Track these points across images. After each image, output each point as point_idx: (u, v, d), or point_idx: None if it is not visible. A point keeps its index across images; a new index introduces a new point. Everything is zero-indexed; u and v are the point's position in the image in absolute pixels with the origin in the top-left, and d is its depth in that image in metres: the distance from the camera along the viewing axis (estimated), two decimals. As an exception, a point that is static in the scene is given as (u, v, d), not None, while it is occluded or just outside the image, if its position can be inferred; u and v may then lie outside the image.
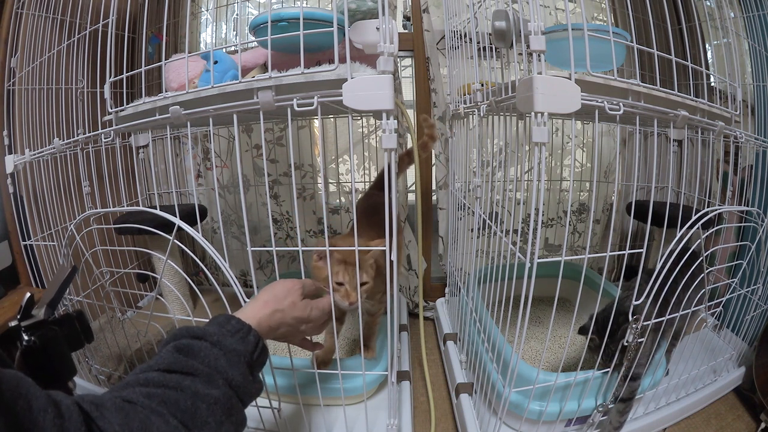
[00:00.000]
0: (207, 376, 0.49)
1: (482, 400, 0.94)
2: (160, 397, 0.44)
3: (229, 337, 0.53)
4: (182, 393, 0.46)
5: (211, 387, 0.48)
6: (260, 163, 1.55)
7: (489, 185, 1.03)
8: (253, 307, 0.62)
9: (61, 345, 0.64)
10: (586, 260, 0.76)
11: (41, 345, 0.59)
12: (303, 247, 0.71)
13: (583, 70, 0.62)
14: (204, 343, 0.51)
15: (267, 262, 1.70)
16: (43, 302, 0.64)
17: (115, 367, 1.00)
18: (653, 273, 0.77)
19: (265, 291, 0.65)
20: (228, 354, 0.52)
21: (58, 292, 0.67)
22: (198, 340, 0.52)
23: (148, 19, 1.38)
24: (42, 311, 0.63)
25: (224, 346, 0.52)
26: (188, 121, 0.69)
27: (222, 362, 0.51)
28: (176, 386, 0.46)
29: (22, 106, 1.10)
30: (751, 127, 1.20)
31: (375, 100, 0.59)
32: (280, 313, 0.62)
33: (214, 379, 0.49)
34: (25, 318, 0.62)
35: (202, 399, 0.46)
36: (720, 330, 1.18)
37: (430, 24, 1.39)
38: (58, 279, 0.69)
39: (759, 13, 1.14)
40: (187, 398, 0.45)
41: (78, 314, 0.69)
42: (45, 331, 0.61)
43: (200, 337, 0.52)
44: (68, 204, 1.12)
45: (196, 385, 0.47)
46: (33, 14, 1.09)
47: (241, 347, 0.53)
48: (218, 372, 0.50)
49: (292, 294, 0.65)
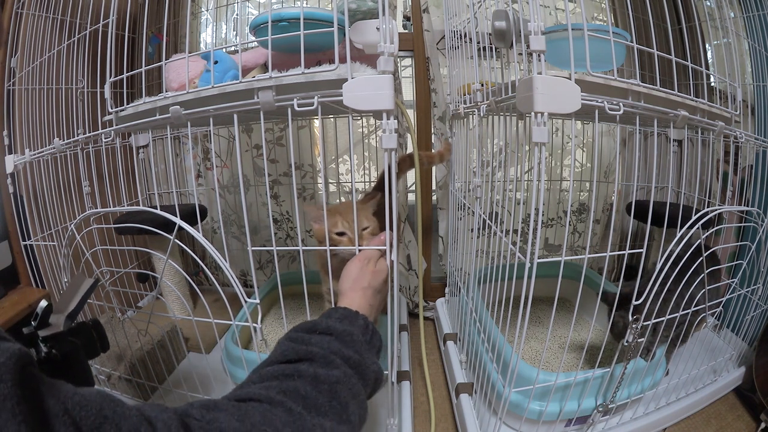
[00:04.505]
0: (324, 358, 0.47)
1: (482, 400, 0.94)
2: (279, 388, 0.42)
3: (338, 323, 0.53)
4: (301, 379, 0.44)
5: (331, 368, 0.46)
6: (260, 163, 1.55)
7: (489, 185, 1.03)
8: (345, 297, 0.62)
9: (81, 358, 0.63)
10: (586, 260, 0.76)
11: (61, 357, 0.59)
12: (303, 247, 0.71)
13: (583, 70, 0.62)
14: (314, 334, 0.51)
15: (267, 261, 1.70)
16: (59, 311, 0.63)
17: (115, 366, 1.00)
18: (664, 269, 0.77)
19: (344, 280, 0.65)
20: (340, 336, 0.51)
21: (79, 304, 0.67)
22: (308, 333, 0.51)
23: (148, 19, 1.38)
24: (61, 322, 0.62)
25: (335, 330, 0.51)
26: (188, 121, 0.69)
27: (336, 344, 0.49)
28: (294, 373, 0.44)
29: (22, 106, 1.10)
30: (751, 127, 1.20)
31: (375, 100, 0.59)
32: (369, 289, 0.63)
33: (332, 360, 0.47)
34: (42, 326, 0.61)
35: (323, 381, 0.44)
36: (720, 330, 1.18)
37: (430, 24, 1.39)
38: (75, 288, 0.68)
39: (759, 13, 1.14)
40: (307, 383, 0.44)
41: (94, 323, 0.69)
42: (64, 344, 0.61)
43: (310, 329, 0.52)
44: (68, 204, 1.12)
45: (315, 369, 0.45)
46: (33, 14, 1.09)
47: (351, 329, 0.53)
48: (334, 353, 0.48)
49: (367, 267, 0.66)
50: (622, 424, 0.90)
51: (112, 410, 0.30)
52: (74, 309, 0.65)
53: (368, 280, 0.63)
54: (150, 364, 1.01)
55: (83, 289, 0.68)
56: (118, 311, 1.05)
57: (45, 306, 0.62)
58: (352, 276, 0.64)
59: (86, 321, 0.69)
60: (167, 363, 1.08)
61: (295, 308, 1.41)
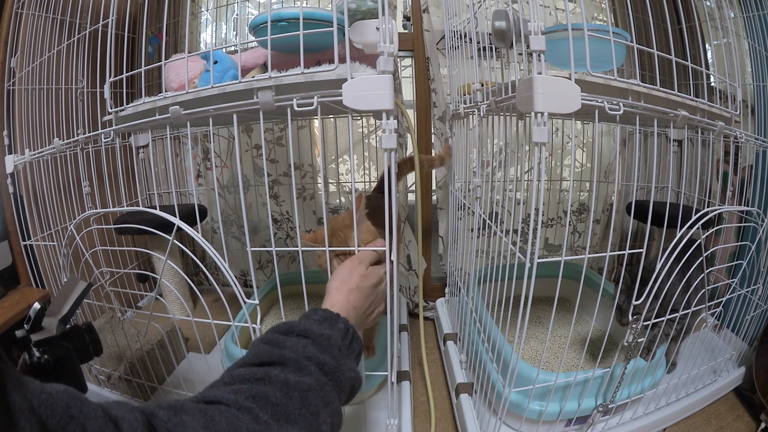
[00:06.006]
0: (296, 363, 0.45)
1: (482, 400, 0.94)
2: (248, 392, 0.41)
3: (316, 325, 0.51)
4: (271, 384, 0.42)
5: (303, 374, 0.45)
6: (260, 163, 1.55)
7: (489, 185, 1.03)
8: (329, 298, 0.60)
9: (73, 363, 0.63)
10: (586, 260, 0.76)
11: (54, 362, 0.59)
12: (303, 247, 0.71)
13: (583, 70, 0.62)
14: (291, 336, 0.49)
15: (267, 262, 1.70)
16: (52, 314, 0.63)
17: (114, 367, 1.00)
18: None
19: (333, 278, 0.63)
20: (317, 340, 0.49)
21: (72, 308, 0.66)
22: (284, 335, 0.49)
23: (148, 19, 1.38)
24: (54, 326, 0.62)
25: (312, 333, 0.49)
26: (188, 121, 0.69)
27: (311, 349, 0.47)
28: (264, 378, 0.43)
29: (22, 106, 1.09)
30: (751, 127, 1.20)
31: (375, 100, 0.59)
32: (355, 291, 0.61)
33: (305, 366, 0.45)
34: (35, 330, 0.61)
35: (294, 388, 0.43)
36: (720, 330, 1.18)
37: (430, 24, 1.39)
38: (68, 292, 0.68)
39: (759, 13, 1.14)
40: (277, 390, 0.42)
41: (87, 327, 0.69)
42: (57, 349, 0.61)
43: (287, 330, 0.50)
44: (68, 204, 1.12)
45: (286, 374, 0.44)
46: (33, 14, 1.09)
47: (330, 332, 0.51)
48: (308, 358, 0.46)
49: (357, 268, 0.64)
50: (622, 424, 0.90)
51: (78, 409, 0.30)
52: (67, 313, 0.64)
53: (356, 282, 0.62)
54: (150, 364, 1.01)
55: (76, 292, 0.67)
56: (118, 311, 1.05)
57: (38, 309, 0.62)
58: (341, 276, 0.63)
59: (79, 325, 0.68)
60: (167, 363, 1.08)
61: (294, 308, 1.41)
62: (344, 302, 0.59)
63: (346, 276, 0.63)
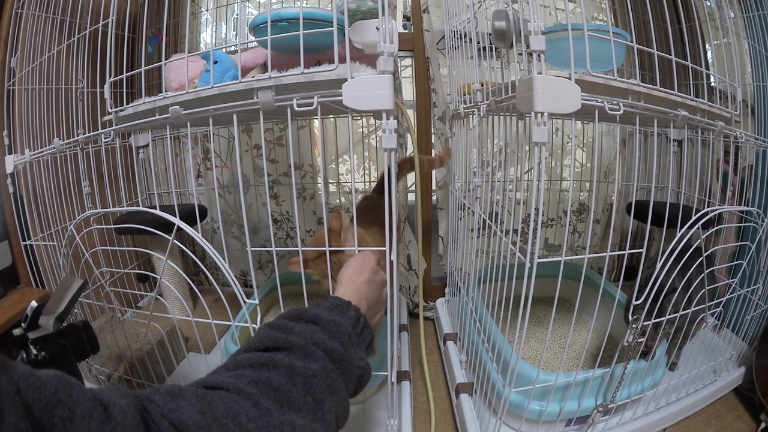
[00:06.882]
0: (303, 349, 0.44)
1: (482, 400, 0.94)
2: (250, 377, 0.40)
3: (326, 311, 0.50)
4: (275, 370, 0.41)
5: (309, 360, 0.43)
6: (260, 163, 1.55)
7: (489, 185, 1.03)
8: (341, 286, 0.59)
9: (70, 360, 0.63)
10: (586, 260, 0.76)
11: (50, 359, 0.59)
12: (303, 248, 0.71)
13: (583, 70, 0.62)
14: (299, 321, 0.48)
15: (267, 262, 1.70)
16: (48, 312, 0.63)
17: (115, 367, 1.00)
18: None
19: (345, 268, 0.62)
20: (326, 326, 0.47)
21: (68, 306, 0.66)
22: (293, 320, 0.48)
23: (148, 19, 1.38)
24: (50, 324, 0.62)
25: (321, 319, 0.48)
26: (188, 121, 0.69)
27: (319, 335, 0.46)
28: (269, 363, 0.42)
29: (22, 106, 1.09)
30: (751, 127, 1.20)
31: (375, 100, 0.59)
32: (367, 284, 0.60)
33: (312, 352, 0.44)
34: (32, 328, 0.61)
35: (299, 373, 0.41)
36: (720, 330, 1.18)
37: (430, 24, 1.39)
38: (64, 290, 0.68)
39: (759, 13, 1.14)
40: (281, 375, 0.41)
41: (84, 325, 0.69)
42: (53, 346, 0.61)
43: (295, 316, 0.49)
44: (68, 204, 1.12)
45: (292, 360, 0.42)
46: (33, 14, 1.09)
47: (340, 319, 0.49)
48: (316, 344, 0.45)
49: (368, 261, 0.63)
50: (622, 424, 0.90)
51: (67, 393, 0.29)
52: (63, 310, 0.64)
53: (368, 275, 0.61)
54: (150, 364, 1.01)
55: (72, 290, 0.67)
56: (118, 311, 1.05)
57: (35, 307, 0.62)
58: (354, 267, 0.62)
59: (76, 323, 0.69)
60: (167, 363, 1.08)
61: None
62: (356, 292, 0.57)
63: (359, 267, 0.62)
